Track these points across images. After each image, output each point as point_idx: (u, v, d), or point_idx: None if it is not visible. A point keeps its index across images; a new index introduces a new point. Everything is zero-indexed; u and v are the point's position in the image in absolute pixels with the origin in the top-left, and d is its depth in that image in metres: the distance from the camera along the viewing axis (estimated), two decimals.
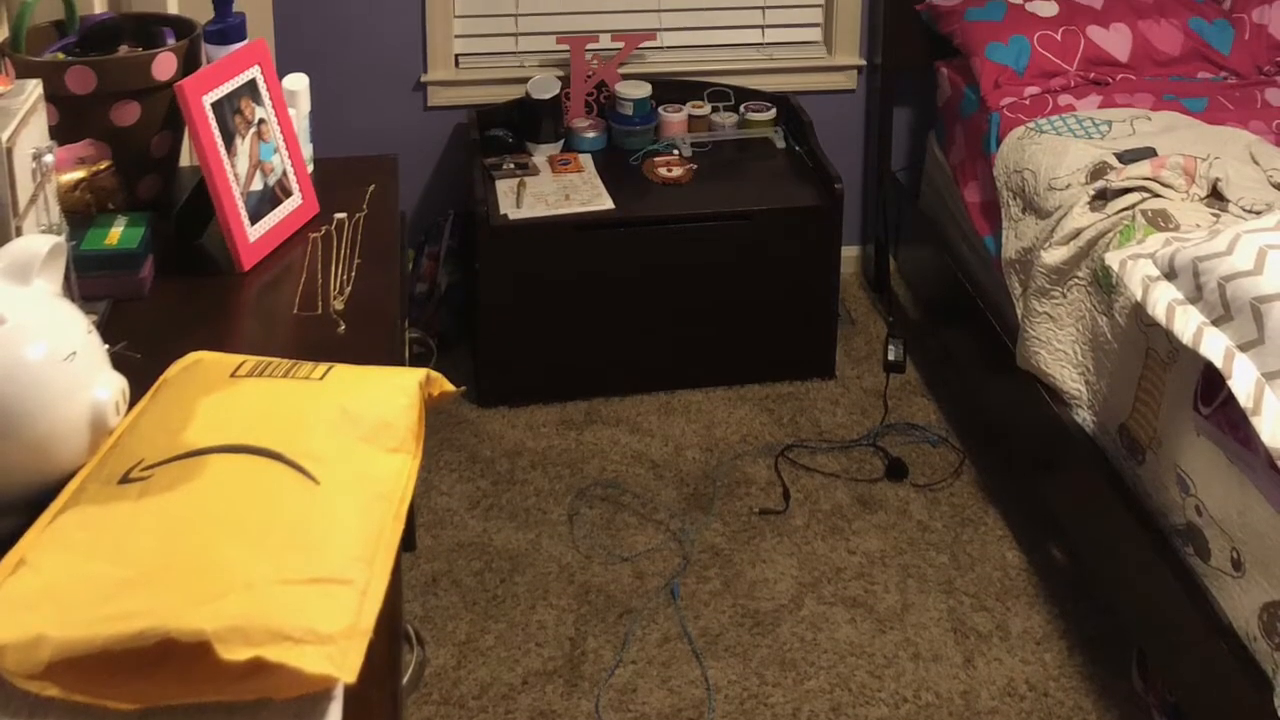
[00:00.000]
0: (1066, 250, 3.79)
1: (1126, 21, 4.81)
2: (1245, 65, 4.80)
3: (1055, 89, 4.66)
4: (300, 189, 2.84)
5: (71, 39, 2.87)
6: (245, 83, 2.74)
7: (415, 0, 5.07)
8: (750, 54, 5.39)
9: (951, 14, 4.97)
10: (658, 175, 4.80)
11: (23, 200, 2.09)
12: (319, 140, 3.18)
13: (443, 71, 5.18)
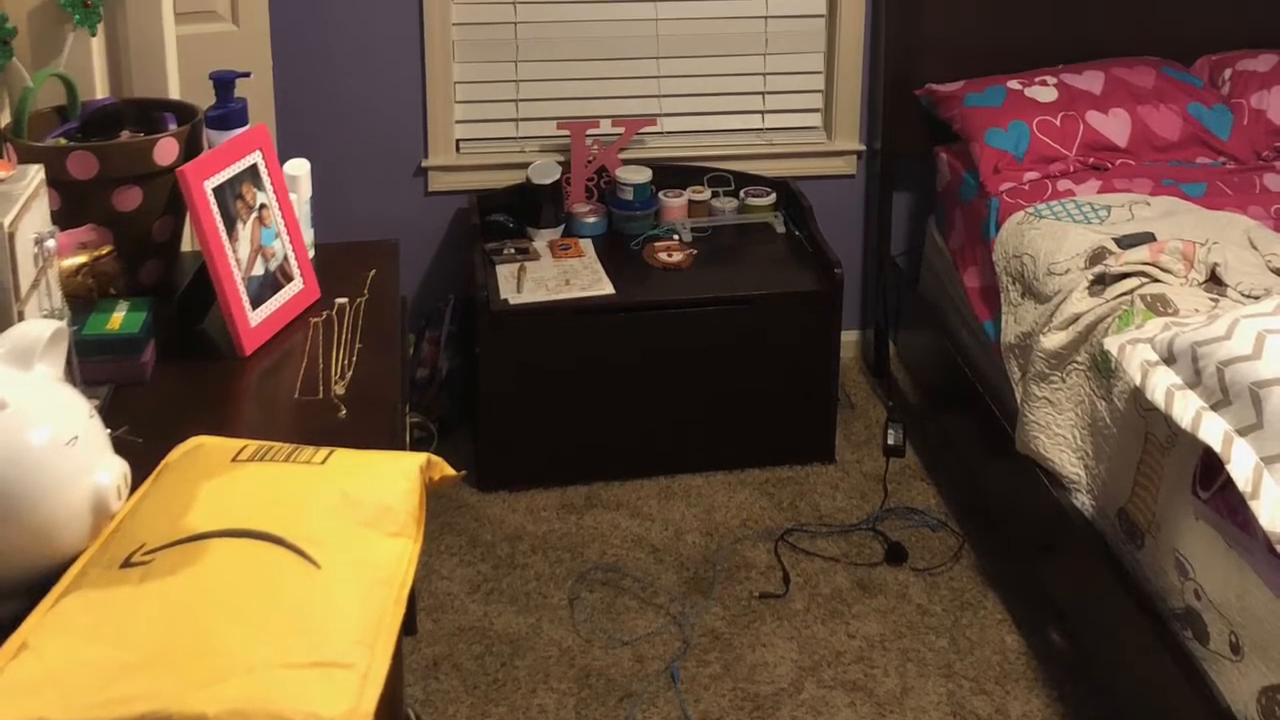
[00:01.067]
0: (1066, 335, 3.79)
1: (1125, 107, 4.83)
2: (1244, 150, 4.82)
3: (1054, 174, 4.68)
4: (301, 274, 2.85)
5: (73, 124, 2.89)
6: (247, 168, 2.75)
7: (416, 85, 5.10)
8: (750, 139, 5.42)
9: (951, 99, 5.00)
10: (658, 260, 4.81)
11: (25, 285, 2.10)
12: (320, 225, 3.19)
13: (443, 156, 5.20)
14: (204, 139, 2.90)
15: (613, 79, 5.27)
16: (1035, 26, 5.22)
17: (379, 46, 5.05)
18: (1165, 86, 4.93)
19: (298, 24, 4.93)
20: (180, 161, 2.71)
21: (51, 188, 2.46)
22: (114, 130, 2.89)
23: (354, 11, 5.00)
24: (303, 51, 4.98)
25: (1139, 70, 5.00)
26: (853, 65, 5.31)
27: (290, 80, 4.91)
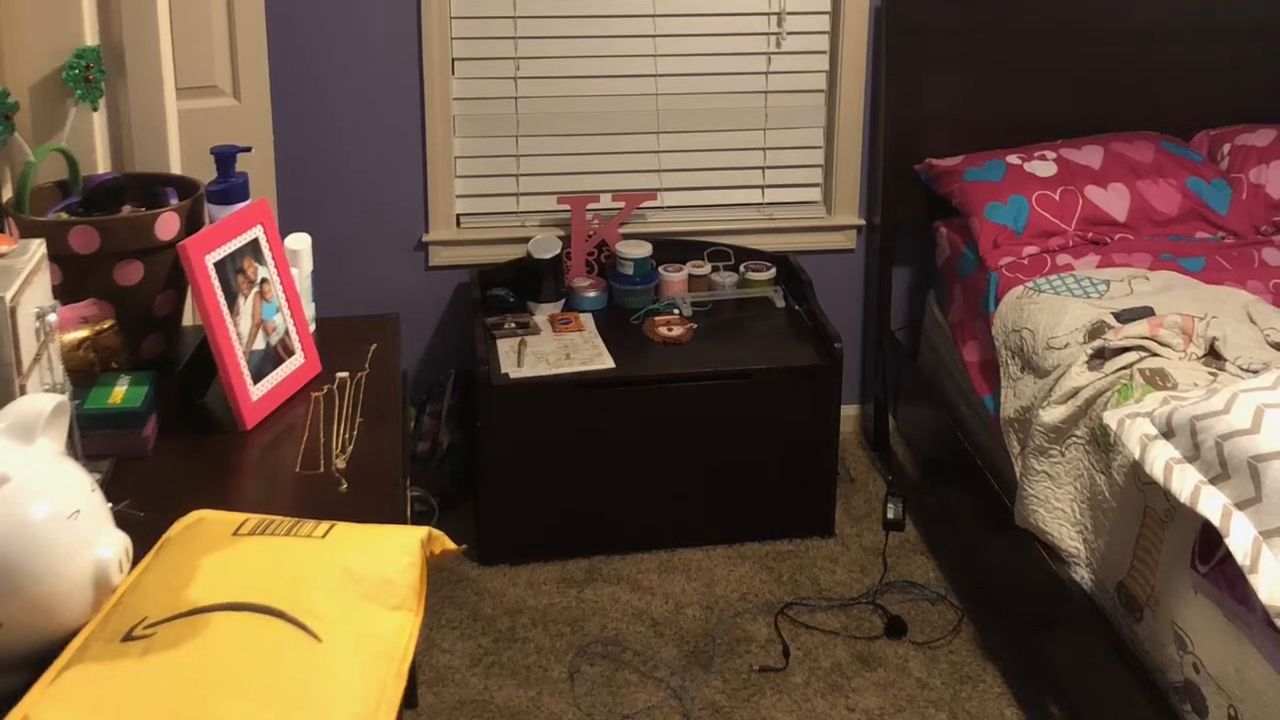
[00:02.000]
0: (1065, 409, 3.80)
1: (1125, 181, 4.85)
2: (1242, 225, 4.84)
3: (1054, 248, 4.69)
4: (302, 348, 2.85)
5: (75, 199, 2.90)
6: (248, 242, 2.76)
7: (417, 160, 5.12)
8: (750, 214, 5.44)
9: (950, 174, 5.02)
10: (658, 334, 4.82)
11: (26, 359, 2.10)
12: (321, 299, 3.20)
13: (444, 231, 5.22)
14: (205, 214, 2.91)
15: (613, 154, 5.29)
16: (1034, 102, 5.25)
17: (380, 121, 5.07)
18: (1164, 161, 4.95)
19: (299, 99, 4.96)
20: (182, 236, 2.72)
21: (53, 262, 2.47)
22: (116, 205, 2.91)
23: (355, 86, 5.02)
24: (304, 126, 5.00)
25: (1138, 145, 5.03)
26: (852, 140, 5.33)
27: (292, 155, 4.93)
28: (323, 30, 4.94)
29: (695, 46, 5.21)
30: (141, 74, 3.18)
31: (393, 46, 5.00)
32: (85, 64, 3.02)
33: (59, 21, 3.04)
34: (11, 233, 2.65)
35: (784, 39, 5.25)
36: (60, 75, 3.02)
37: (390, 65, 5.02)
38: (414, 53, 5.01)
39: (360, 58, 4.99)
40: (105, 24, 3.12)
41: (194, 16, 4.15)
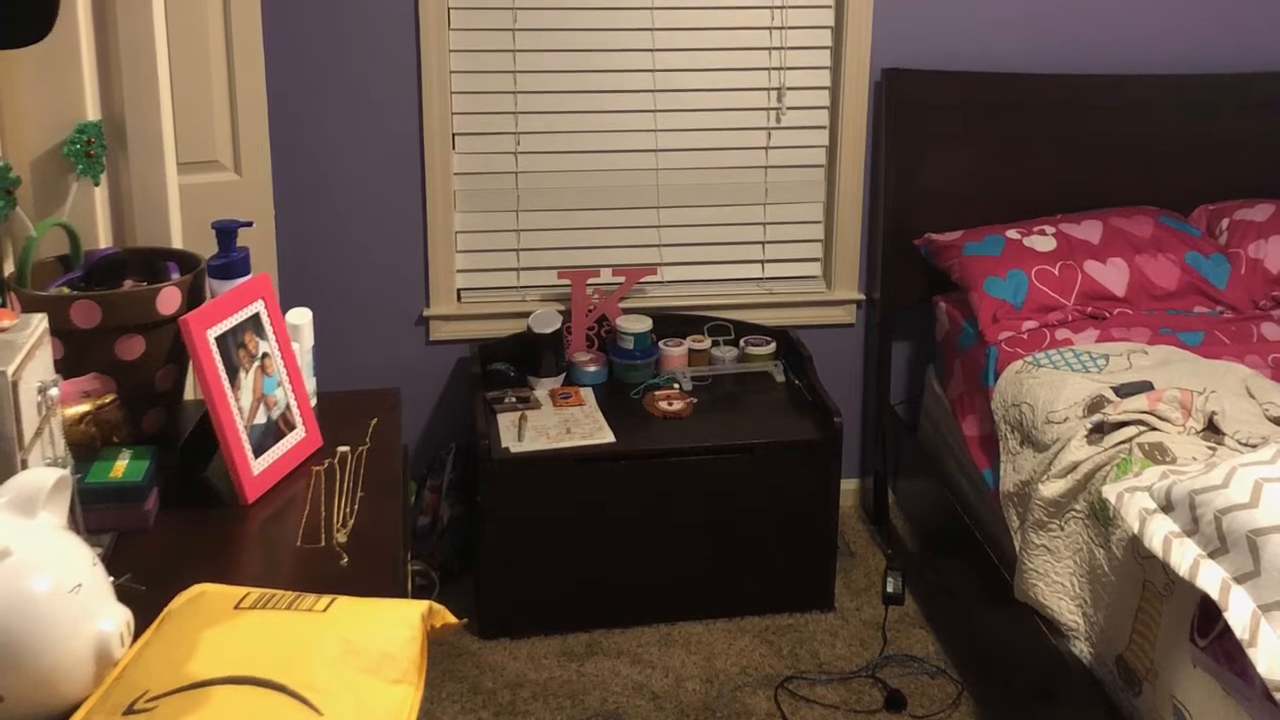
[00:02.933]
0: (1064, 483, 3.80)
1: (1124, 256, 4.87)
2: (1241, 300, 4.85)
3: (1053, 323, 4.70)
4: (304, 422, 2.86)
5: (77, 273, 2.90)
6: (249, 317, 2.77)
7: (418, 235, 5.14)
8: (750, 288, 5.46)
9: (950, 249, 5.03)
10: (658, 409, 4.83)
11: (28, 433, 2.11)
12: (322, 373, 3.21)
13: (445, 306, 5.23)
14: (207, 288, 2.92)
15: (614, 228, 5.31)
16: (1034, 177, 5.27)
17: (381, 195, 5.09)
18: (1163, 236, 4.97)
19: (300, 173, 4.98)
20: (183, 310, 2.73)
21: (55, 336, 2.48)
22: (117, 279, 2.91)
23: (356, 160, 5.05)
24: (305, 200, 5.02)
25: (1137, 220, 5.04)
26: (852, 215, 5.35)
27: (293, 229, 4.96)
28: (324, 104, 4.97)
29: (696, 121, 5.24)
30: (143, 149, 3.18)
31: (394, 121, 5.03)
32: (87, 139, 3.03)
33: (60, 96, 3.05)
34: (13, 307, 2.65)
35: (784, 114, 5.28)
36: (62, 150, 3.02)
37: (391, 139, 5.05)
38: (415, 127, 5.04)
39: (361, 132, 5.02)
40: (107, 99, 3.13)
41: (195, 91, 4.17)
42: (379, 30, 4.93)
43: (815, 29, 5.22)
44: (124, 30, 3.08)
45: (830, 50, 5.25)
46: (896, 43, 5.20)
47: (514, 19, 5.03)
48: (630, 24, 5.10)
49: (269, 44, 4.63)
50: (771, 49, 5.20)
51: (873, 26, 5.18)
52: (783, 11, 5.16)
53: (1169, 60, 5.35)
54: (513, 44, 5.06)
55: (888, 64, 5.20)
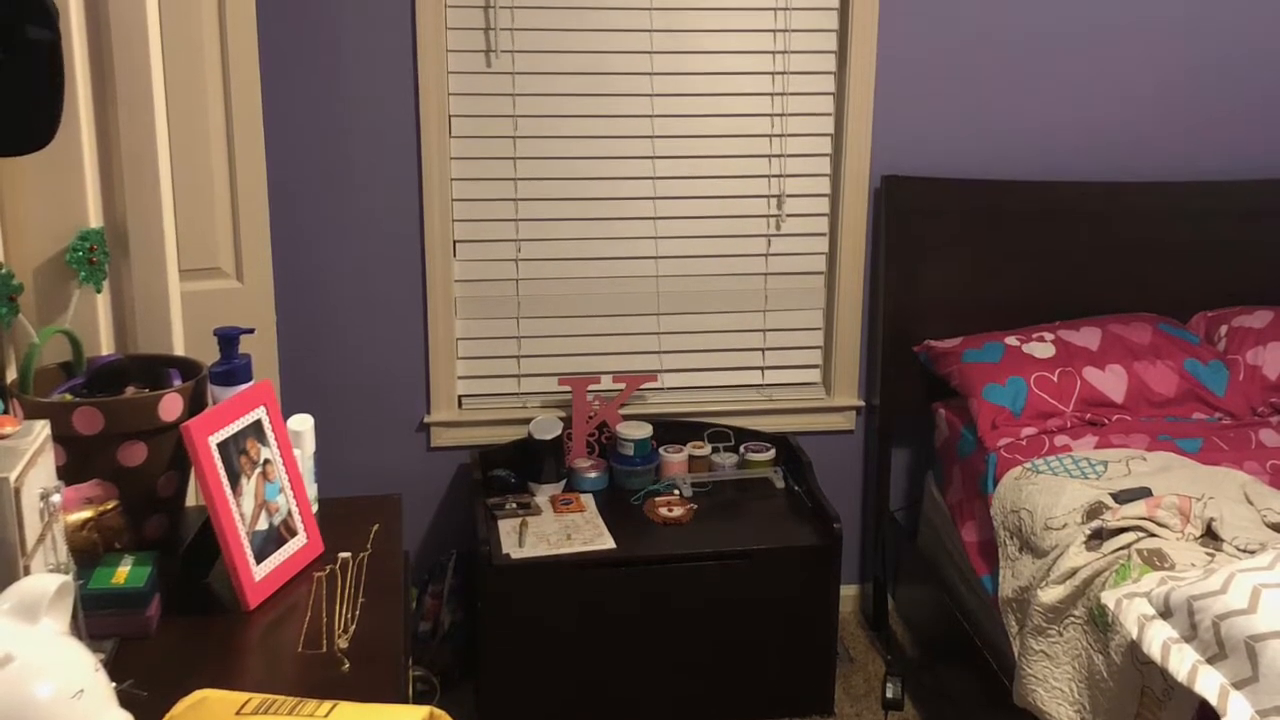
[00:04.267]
0: (1063, 589, 3.80)
1: (1122, 363, 4.88)
2: (1239, 406, 4.86)
3: (1052, 429, 4.71)
4: (305, 528, 2.86)
5: (79, 380, 2.92)
6: (251, 423, 2.78)
7: (419, 342, 5.16)
8: (750, 395, 5.47)
9: (949, 355, 5.05)
10: (659, 515, 4.83)
11: (30, 539, 2.11)
12: (323, 479, 3.22)
13: (446, 412, 5.25)
14: (208, 394, 2.93)
15: (614, 335, 5.33)
16: (1033, 283, 5.29)
17: (382, 302, 5.12)
18: (1162, 343, 4.98)
19: (302, 280, 5.01)
20: (185, 417, 2.74)
21: (57, 443, 2.48)
22: (119, 386, 2.92)
23: (357, 268, 5.07)
24: (307, 307, 5.04)
25: (1136, 327, 5.06)
26: (852, 322, 5.38)
27: (294, 336, 4.98)
28: (325, 212, 5.00)
29: (696, 228, 5.27)
30: (145, 256, 3.19)
31: (395, 228, 5.06)
32: (89, 246, 3.05)
33: (63, 203, 3.07)
34: (16, 414, 2.67)
35: (784, 221, 5.31)
36: (64, 257, 3.04)
37: (392, 246, 5.07)
38: (416, 234, 5.06)
39: (362, 239, 5.05)
40: (109, 206, 3.14)
41: (197, 198, 4.19)
42: (381, 137, 4.97)
43: (815, 136, 5.26)
44: (126, 138, 3.10)
45: (830, 158, 5.29)
46: (895, 150, 5.24)
47: (514, 126, 5.07)
48: (631, 131, 5.15)
49: (271, 151, 4.67)
50: (771, 156, 5.24)
51: (872, 134, 5.22)
52: (783, 119, 5.21)
53: (1166, 167, 5.39)
54: (514, 151, 5.10)
55: (887, 171, 5.23)
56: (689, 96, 5.15)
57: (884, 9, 5.11)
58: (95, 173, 3.11)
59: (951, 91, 5.24)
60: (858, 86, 5.16)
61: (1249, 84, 5.41)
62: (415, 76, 4.92)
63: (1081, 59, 5.28)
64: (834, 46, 5.18)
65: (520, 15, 4.98)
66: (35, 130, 2.82)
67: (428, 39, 4.89)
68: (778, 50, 5.15)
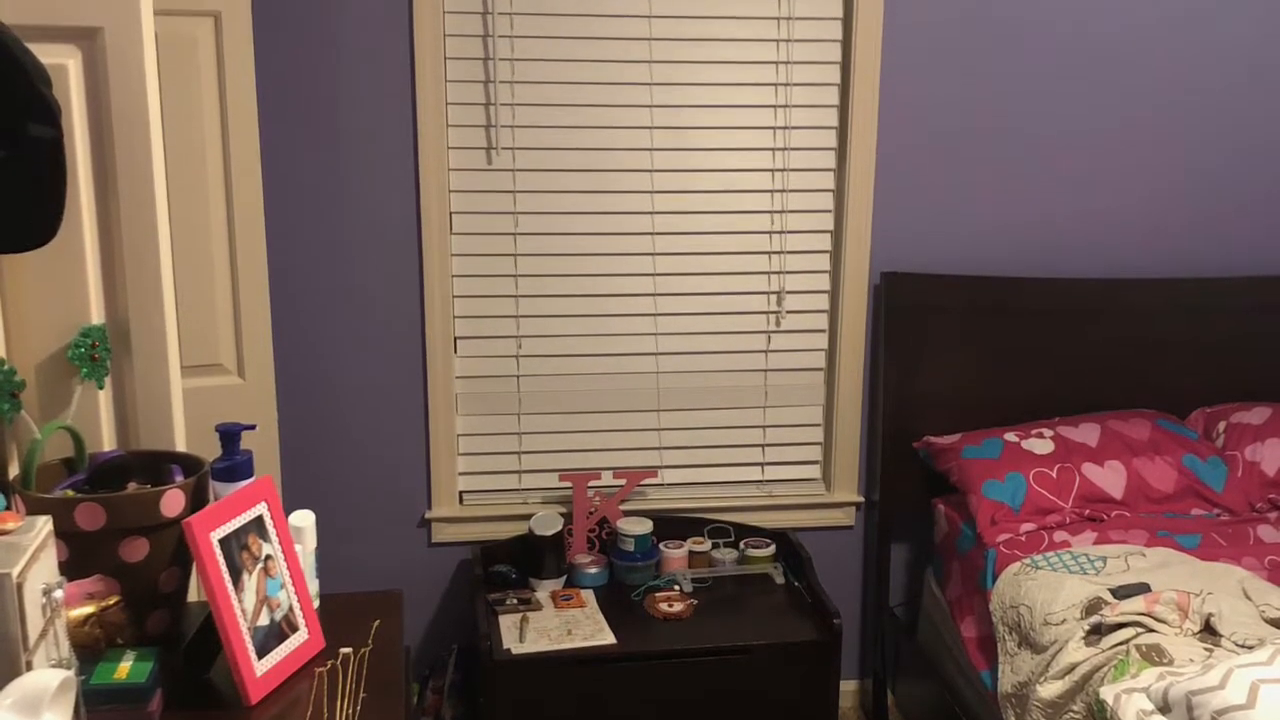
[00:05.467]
0: (1062, 684, 3.80)
1: (1121, 459, 4.89)
2: (1238, 502, 4.87)
3: (1051, 525, 4.72)
4: (306, 624, 2.87)
5: (81, 476, 2.93)
6: (252, 519, 2.79)
7: (420, 438, 5.18)
8: (750, 490, 5.48)
9: (949, 451, 5.06)
10: (659, 610, 4.83)
11: (33, 635, 2.12)
12: (325, 574, 3.23)
13: (447, 508, 5.25)
14: (210, 490, 2.94)
15: (614, 431, 5.35)
16: (1032, 379, 5.31)
17: (383, 399, 5.14)
18: (1160, 439, 4.99)
19: (303, 376, 5.03)
20: (187, 513, 2.75)
21: (59, 539, 2.50)
22: (121, 482, 2.94)
23: (358, 364, 5.09)
24: (308, 403, 5.06)
25: (1135, 423, 5.07)
26: (851, 418, 5.39)
27: (295, 432, 5.00)
28: (326, 309, 5.02)
29: (696, 325, 5.30)
30: (147, 352, 3.19)
31: (396, 325, 5.08)
32: (91, 342, 3.07)
33: (65, 300, 3.09)
34: (18, 510, 2.68)
35: (784, 317, 5.33)
36: (66, 353, 3.06)
37: (393, 343, 5.09)
38: (417, 330, 5.09)
39: (363, 336, 5.07)
40: (111, 302, 3.16)
41: (199, 295, 4.22)
42: (382, 234, 5.00)
43: (815, 233, 5.29)
44: (128, 235, 3.12)
45: (830, 254, 5.32)
46: (895, 246, 5.27)
47: (515, 223, 5.10)
48: (632, 228, 5.18)
49: (272, 248, 4.72)
50: (771, 253, 5.27)
51: (872, 230, 5.25)
52: (783, 216, 5.24)
53: (1164, 263, 5.42)
54: (514, 248, 5.13)
55: (886, 267, 5.26)
56: (690, 193, 5.18)
57: (883, 106, 5.15)
58: (97, 269, 3.13)
59: (951, 188, 5.27)
60: (857, 183, 5.19)
61: (1247, 181, 5.44)
62: (416, 173, 4.96)
63: (1081, 155, 5.32)
64: (834, 143, 5.22)
65: (521, 113, 5.02)
66: (38, 227, 2.84)
67: (429, 136, 4.93)
68: (778, 147, 5.19)
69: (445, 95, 4.94)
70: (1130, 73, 5.27)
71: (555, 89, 5.03)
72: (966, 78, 5.19)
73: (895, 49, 5.12)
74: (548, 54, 5.00)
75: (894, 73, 5.14)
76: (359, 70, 4.85)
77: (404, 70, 4.88)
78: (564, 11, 4.97)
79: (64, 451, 2.98)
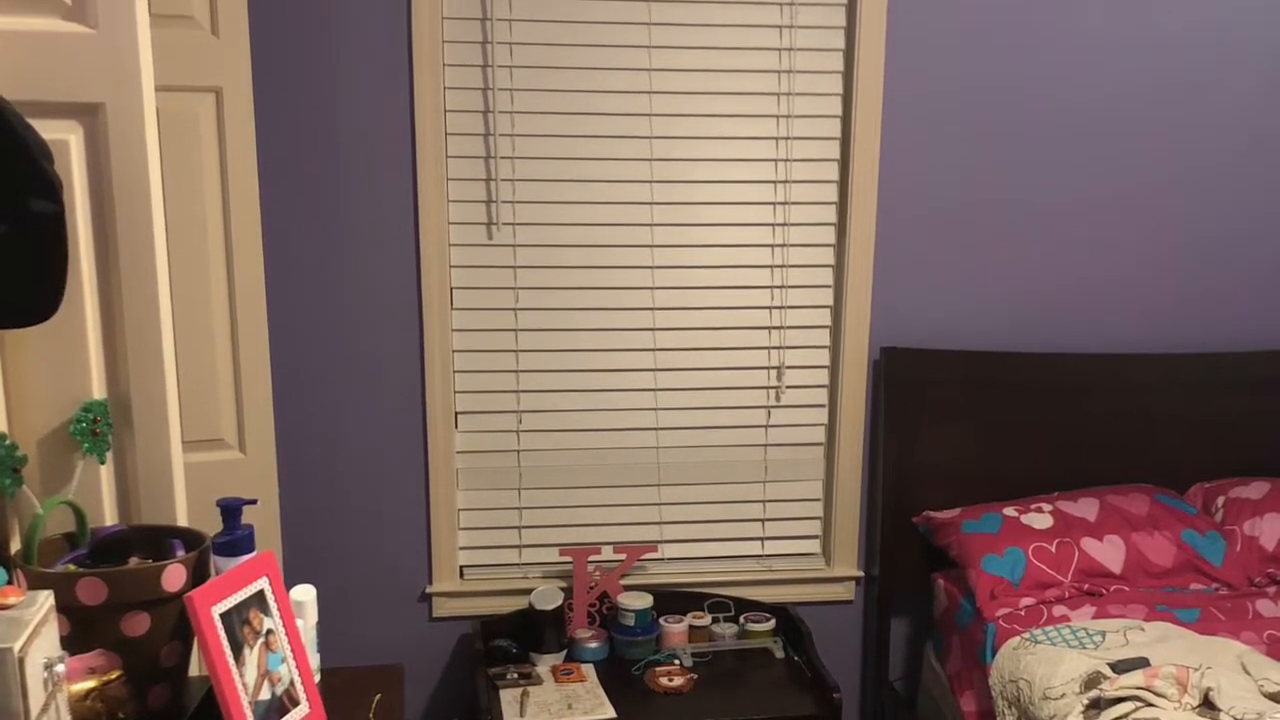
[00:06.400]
0: None
1: (1120, 534, 4.89)
2: (1237, 577, 4.87)
3: (1050, 599, 4.72)
4: (308, 698, 2.87)
5: (82, 550, 2.93)
6: (253, 594, 2.80)
7: (420, 513, 5.18)
8: (750, 565, 5.48)
9: (948, 526, 5.07)
10: (659, 685, 4.82)
11: (34, 709, 2.12)
12: (326, 649, 3.23)
13: (448, 583, 5.25)
14: (211, 565, 2.95)
15: (615, 506, 5.35)
16: (1031, 454, 5.32)
17: (384, 473, 5.15)
18: (1159, 514, 5.00)
19: (304, 451, 5.04)
20: (188, 588, 2.76)
21: (61, 613, 2.50)
22: (122, 556, 2.94)
23: (360, 439, 5.10)
24: (309, 478, 5.07)
25: (1133, 498, 5.08)
26: (851, 492, 5.40)
27: (297, 506, 5.00)
28: (327, 383, 5.04)
29: (696, 400, 5.31)
30: (148, 427, 3.19)
31: (397, 399, 5.10)
32: (93, 417, 3.07)
33: (67, 375, 3.09)
34: (20, 584, 2.69)
35: (783, 392, 5.35)
36: (68, 428, 3.06)
37: (394, 418, 5.11)
38: (418, 405, 5.10)
39: (365, 410, 5.09)
40: (112, 377, 3.16)
41: (200, 370, 4.24)
42: (383, 308, 5.02)
43: (814, 308, 5.31)
44: (129, 310, 3.12)
45: (829, 329, 5.34)
46: (894, 321, 5.29)
47: (516, 298, 5.13)
48: (632, 303, 5.21)
49: (273, 322, 4.74)
50: (771, 328, 5.29)
51: (871, 305, 5.27)
52: (783, 291, 5.26)
53: (1164, 339, 5.44)
54: (515, 323, 5.15)
55: (886, 341, 5.28)
56: (690, 268, 5.21)
57: (883, 180, 5.18)
58: (99, 344, 3.13)
59: (950, 262, 5.29)
60: (857, 257, 5.22)
61: (1246, 257, 5.46)
62: (417, 248, 4.98)
63: (1080, 228, 5.34)
64: (833, 218, 5.24)
65: (521, 189, 5.05)
66: (39, 302, 2.86)
67: (429, 211, 4.95)
68: (778, 222, 5.21)
69: (446, 170, 4.97)
70: (1129, 144, 5.30)
71: (556, 165, 5.06)
72: (966, 151, 5.22)
73: (895, 122, 5.15)
74: (548, 130, 5.04)
75: (893, 146, 5.17)
76: (359, 145, 4.89)
77: (405, 146, 4.91)
78: (564, 88, 5.01)
79: (66, 526, 2.98)
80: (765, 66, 5.11)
